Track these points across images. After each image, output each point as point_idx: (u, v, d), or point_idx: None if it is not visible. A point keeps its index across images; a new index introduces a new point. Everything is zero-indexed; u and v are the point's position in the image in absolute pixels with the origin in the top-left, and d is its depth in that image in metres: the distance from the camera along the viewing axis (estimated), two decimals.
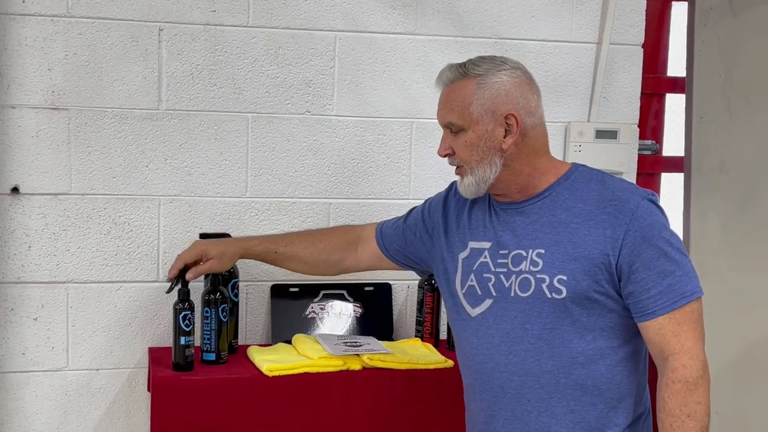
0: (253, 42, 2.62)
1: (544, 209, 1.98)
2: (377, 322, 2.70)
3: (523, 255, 1.97)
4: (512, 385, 1.97)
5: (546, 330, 1.93)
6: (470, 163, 1.98)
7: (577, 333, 1.92)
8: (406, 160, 2.75)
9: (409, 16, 2.71)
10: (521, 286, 1.96)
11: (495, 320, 2.00)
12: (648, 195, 1.94)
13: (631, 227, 1.88)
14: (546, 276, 1.93)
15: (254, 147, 2.64)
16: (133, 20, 2.53)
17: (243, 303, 2.64)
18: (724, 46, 2.86)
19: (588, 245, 1.90)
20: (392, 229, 2.32)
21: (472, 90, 1.96)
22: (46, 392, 2.56)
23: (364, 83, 2.70)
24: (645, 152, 3.03)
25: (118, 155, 2.56)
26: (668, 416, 1.85)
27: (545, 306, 1.93)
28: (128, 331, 2.59)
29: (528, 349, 1.95)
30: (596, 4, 2.83)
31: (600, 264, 1.89)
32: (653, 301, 1.87)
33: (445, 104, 2.00)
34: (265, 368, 2.34)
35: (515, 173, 1.99)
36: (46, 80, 2.50)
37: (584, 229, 1.92)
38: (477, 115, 1.95)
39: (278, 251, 2.34)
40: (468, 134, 1.97)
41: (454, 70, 2.00)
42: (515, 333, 1.96)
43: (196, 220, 2.62)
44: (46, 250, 2.53)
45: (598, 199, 1.94)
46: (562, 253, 1.92)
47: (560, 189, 1.99)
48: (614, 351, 1.94)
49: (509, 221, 2.02)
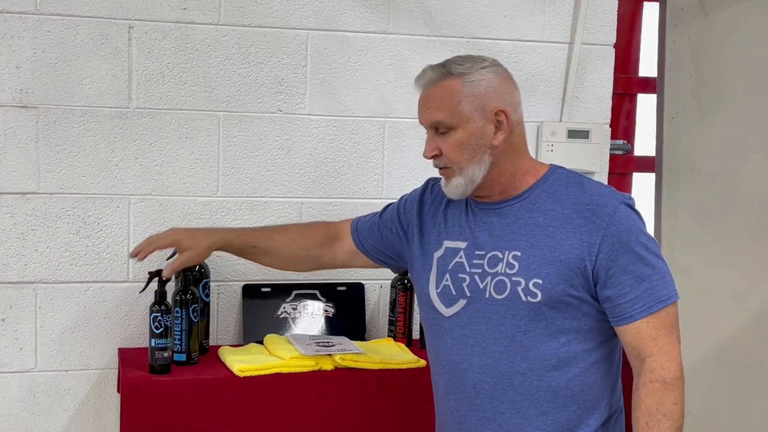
0: (224, 40, 2.60)
1: (522, 211, 1.97)
2: (350, 322, 2.70)
3: (499, 257, 1.96)
4: (485, 386, 1.96)
5: (520, 333, 1.92)
6: (459, 163, 1.95)
7: (551, 336, 1.91)
8: (379, 159, 2.74)
9: (382, 15, 2.71)
10: (496, 288, 1.95)
11: (469, 321, 1.99)
12: (625, 199, 1.94)
13: (608, 232, 1.88)
14: (521, 279, 1.92)
15: (225, 146, 2.63)
16: (102, 18, 2.51)
17: (214, 303, 2.63)
18: (695, 47, 2.88)
19: (564, 249, 1.90)
20: (368, 225, 2.30)
21: (459, 88, 1.93)
22: (14, 393, 2.53)
23: (336, 82, 2.69)
24: (617, 152, 3.05)
25: (87, 154, 2.53)
26: (644, 414, 1.85)
27: (520, 309, 1.92)
28: (98, 332, 2.57)
29: (502, 351, 1.94)
30: (568, 4, 2.84)
31: (576, 269, 1.89)
32: (630, 305, 1.87)
33: (430, 104, 1.97)
34: (237, 369, 2.32)
35: (500, 172, 1.97)
36: (14, 78, 2.47)
37: (561, 233, 1.91)
38: (467, 112, 1.93)
39: (256, 245, 2.28)
40: (458, 133, 1.94)
41: (437, 69, 1.97)
42: (489, 334, 1.95)
43: (167, 219, 2.60)
44: (14, 250, 2.50)
45: (575, 203, 1.93)
46: (538, 257, 1.91)
47: (539, 191, 1.98)
48: (588, 354, 1.93)
49: (486, 221, 2.01)
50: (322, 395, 2.36)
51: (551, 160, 2.80)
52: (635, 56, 3.13)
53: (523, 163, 2.00)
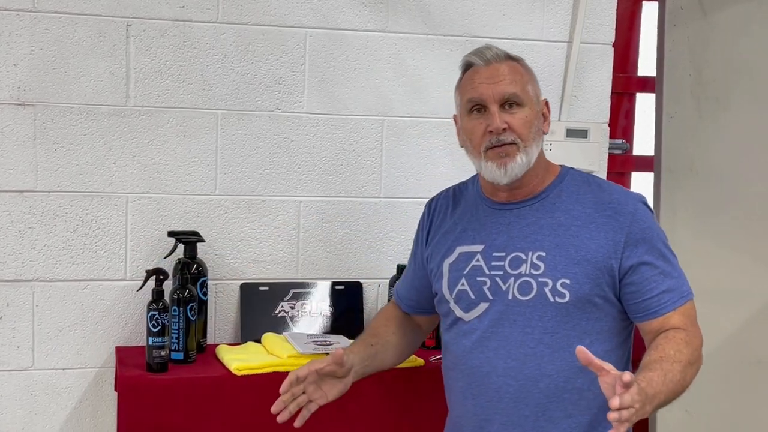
0: (222, 38, 2.59)
1: (542, 211, 1.96)
2: (348, 321, 2.69)
3: (522, 258, 1.93)
4: (510, 389, 1.92)
5: (547, 334, 1.90)
6: (527, 140, 1.93)
7: (578, 337, 1.89)
8: (377, 158, 2.74)
9: (381, 14, 2.70)
10: (521, 290, 1.92)
11: (491, 324, 1.95)
12: (641, 198, 1.96)
13: (631, 230, 1.89)
14: (548, 280, 1.90)
15: (223, 144, 2.62)
16: (100, 15, 2.50)
17: (212, 302, 2.62)
18: (694, 46, 2.87)
19: (591, 249, 1.89)
20: (406, 287, 2.22)
21: (523, 71, 1.97)
22: (11, 392, 2.52)
23: (334, 81, 2.69)
24: (615, 151, 3.04)
25: (85, 152, 2.53)
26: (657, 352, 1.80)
27: (547, 310, 1.90)
28: (95, 330, 2.57)
29: (528, 353, 1.91)
30: (567, 3, 2.83)
31: (603, 267, 1.88)
32: (656, 300, 1.88)
33: (504, 77, 1.94)
34: (234, 367, 2.32)
35: (538, 163, 1.97)
36: (11, 76, 2.46)
37: (585, 233, 1.91)
38: (532, 94, 1.96)
39: (372, 344, 2.13)
40: (526, 110, 1.93)
41: (498, 50, 1.97)
42: (515, 337, 1.92)
43: (165, 217, 2.59)
44: (11, 248, 2.50)
45: (596, 202, 1.93)
46: (564, 257, 1.90)
47: (557, 191, 1.97)
48: (608, 354, 1.89)
49: (503, 222, 1.98)
50: None
51: (550, 159, 2.80)
52: (634, 55, 3.13)
53: (545, 161, 2.01)
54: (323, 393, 2.02)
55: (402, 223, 2.76)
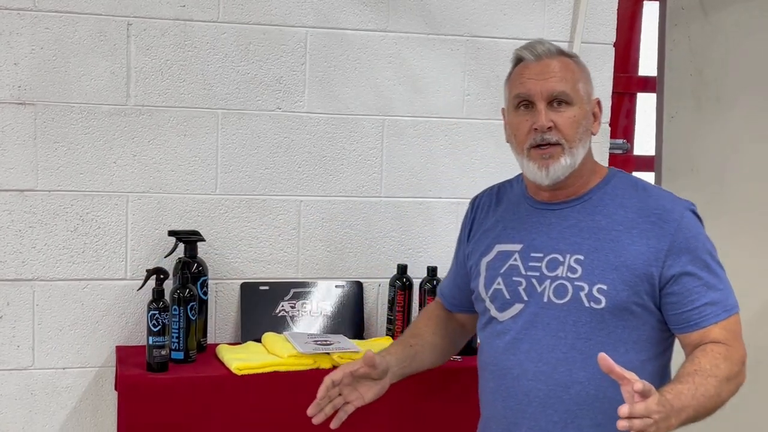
0: (223, 37, 2.59)
1: (584, 213, 1.92)
2: (348, 321, 2.69)
3: (559, 260, 1.90)
4: (539, 393, 1.89)
5: (581, 340, 1.86)
6: (573, 141, 1.88)
7: (612, 345, 1.84)
8: (378, 157, 2.74)
9: (381, 13, 2.70)
10: (556, 292, 1.89)
11: (525, 325, 1.92)
12: (690, 205, 1.90)
13: (676, 238, 1.84)
14: (585, 284, 1.86)
15: (224, 143, 2.62)
16: (101, 14, 2.50)
17: (212, 301, 2.62)
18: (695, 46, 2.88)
19: (630, 255, 1.84)
20: (449, 287, 2.21)
21: (576, 68, 1.92)
22: (11, 391, 2.52)
23: (335, 80, 2.68)
24: (616, 151, 3.04)
25: (85, 151, 2.52)
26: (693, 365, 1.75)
27: (582, 315, 1.86)
28: (95, 330, 2.56)
29: (560, 358, 1.87)
30: (568, 3, 2.83)
31: (642, 275, 1.83)
32: (697, 313, 1.83)
33: (553, 74, 1.89)
34: (234, 367, 2.32)
35: (584, 163, 1.93)
36: (12, 75, 2.46)
37: (626, 238, 1.86)
38: (582, 93, 1.91)
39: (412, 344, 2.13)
40: (574, 109, 1.89)
41: (550, 45, 1.93)
42: (547, 340, 1.89)
43: (165, 217, 2.59)
44: (11, 247, 2.50)
45: (641, 207, 1.88)
46: (602, 261, 1.85)
47: (601, 194, 1.93)
48: (643, 365, 1.86)
49: (544, 222, 1.95)
50: None
51: None
52: (635, 55, 3.13)
53: (592, 162, 1.97)
54: (359, 395, 2.02)
55: (402, 222, 2.76)
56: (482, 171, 2.80)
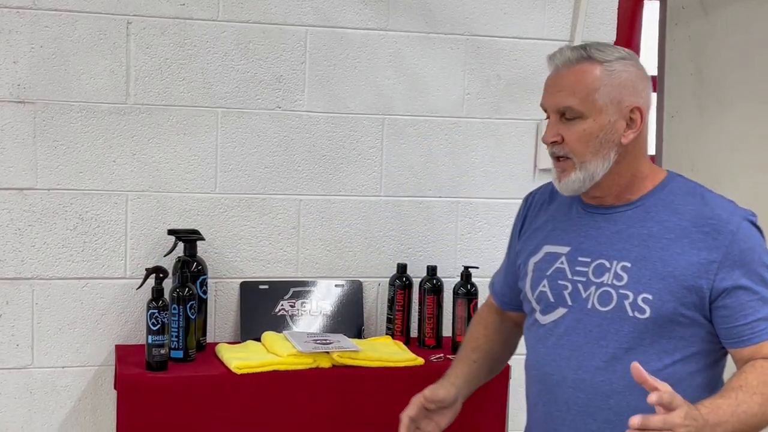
0: (223, 36, 2.59)
1: (635, 219, 1.84)
2: (347, 320, 2.69)
3: (606, 266, 1.84)
4: (579, 401, 1.84)
5: (622, 349, 1.80)
6: (583, 156, 1.81)
7: (656, 355, 1.79)
8: (378, 156, 2.73)
9: (381, 12, 2.70)
10: (601, 299, 1.83)
11: (566, 331, 1.87)
12: (748, 215, 1.81)
13: (729, 250, 1.75)
14: (630, 292, 1.79)
15: (224, 142, 2.62)
16: (100, 13, 2.50)
17: (212, 300, 2.62)
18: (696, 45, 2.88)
19: (679, 265, 1.77)
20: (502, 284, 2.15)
21: (599, 75, 1.79)
22: (10, 390, 2.52)
23: (335, 79, 2.68)
24: None
25: (84, 150, 2.52)
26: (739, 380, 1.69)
27: (625, 324, 1.80)
28: (95, 329, 2.56)
29: (600, 366, 1.82)
30: (568, 2, 2.83)
31: (690, 287, 1.76)
32: (749, 328, 1.75)
33: (562, 87, 1.82)
34: (234, 366, 2.32)
35: (620, 174, 1.84)
36: (11, 73, 2.46)
37: (677, 247, 1.78)
38: (602, 103, 1.79)
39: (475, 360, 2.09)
40: (587, 123, 1.80)
41: (576, 51, 1.82)
42: (588, 348, 1.84)
43: (165, 216, 2.59)
44: (10, 246, 2.49)
45: (695, 216, 1.80)
46: (649, 270, 1.79)
47: (654, 199, 1.85)
48: (692, 377, 1.80)
49: (594, 226, 1.88)
50: (320, 393, 2.35)
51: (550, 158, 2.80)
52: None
53: (644, 167, 1.87)
54: (435, 424, 1.99)
55: (402, 222, 2.76)
56: (482, 170, 2.79)
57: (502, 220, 2.81)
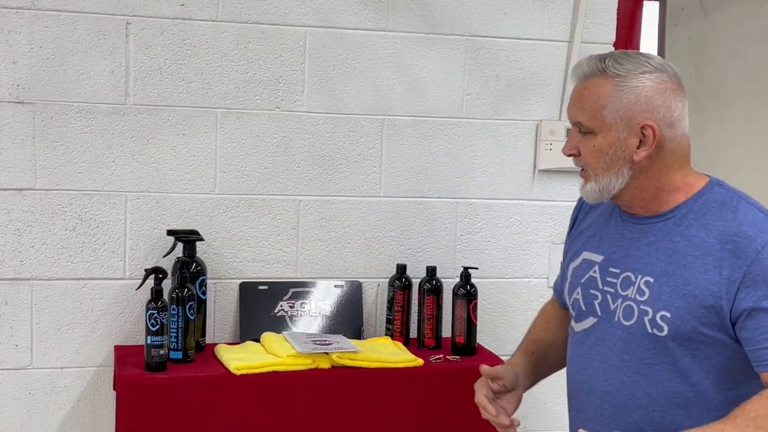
0: (222, 37, 2.59)
1: (664, 232, 1.78)
2: (347, 321, 2.69)
3: (631, 279, 1.80)
4: (604, 413, 1.83)
5: (644, 365, 1.77)
6: (596, 170, 1.78)
7: (679, 374, 1.75)
8: (377, 157, 2.73)
9: (381, 12, 2.69)
10: (624, 313, 1.80)
11: (596, 341, 1.85)
12: None
13: (751, 270, 1.67)
14: (649, 309, 1.75)
15: (223, 143, 2.62)
16: (100, 13, 2.50)
17: (211, 301, 2.62)
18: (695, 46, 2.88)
19: (699, 284, 1.70)
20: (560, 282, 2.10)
21: (608, 91, 1.74)
22: (9, 391, 2.52)
23: (334, 79, 2.68)
24: None
25: (84, 150, 2.52)
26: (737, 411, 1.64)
27: (644, 340, 1.76)
28: (94, 329, 2.56)
29: (623, 380, 1.79)
30: (568, 3, 2.83)
31: (710, 307, 1.69)
32: None
33: (576, 101, 1.80)
34: (233, 367, 2.31)
35: (641, 188, 1.79)
36: (10, 73, 2.46)
37: (700, 265, 1.71)
38: (610, 120, 1.74)
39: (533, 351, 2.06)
40: (597, 139, 1.76)
41: (592, 64, 1.77)
42: (613, 361, 1.81)
43: (164, 216, 2.59)
44: (10, 246, 2.49)
45: (722, 232, 1.72)
46: (670, 287, 1.74)
47: (686, 211, 1.78)
48: (723, 394, 1.74)
49: (627, 236, 1.84)
50: (319, 394, 2.35)
51: (550, 158, 2.81)
52: None
53: (675, 178, 1.79)
54: (502, 408, 1.94)
55: (402, 222, 2.76)
56: (482, 171, 2.79)
57: (502, 220, 2.81)
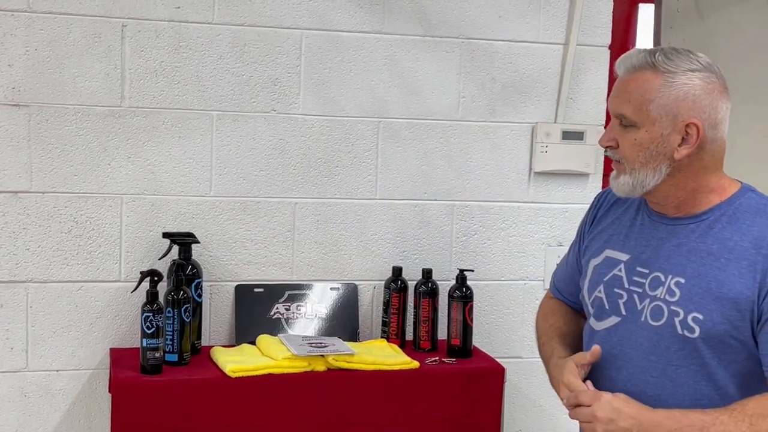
0: (218, 39, 2.59)
1: (696, 233, 1.77)
2: (343, 323, 2.69)
3: (661, 279, 1.79)
4: None
5: (672, 366, 1.76)
6: (633, 164, 1.76)
7: (706, 377, 1.74)
8: (373, 159, 2.73)
9: (376, 15, 2.70)
10: (653, 314, 1.78)
11: (619, 341, 1.83)
12: None
13: None
14: (681, 310, 1.74)
15: (219, 145, 2.62)
16: (95, 16, 2.50)
17: (206, 303, 2.62)
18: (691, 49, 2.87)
19: (733, 287, 1.70)
20: (564, 281, 2.10)
21: (657, 86, 1.72)
22: (4, 393, 2.52)
23: (330, 82, 2.68)
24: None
25: (79, 153, 2.52)
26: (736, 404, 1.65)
27: (674, 341, 1.75)
28: (89, 332, 2.56)
29: (649, 381, 1.78)
30: (563, 5, 2.83)
31: (743, 310, 1.69)
32: None
33: (622, 93, 1.77)
34: (229, 369, 2.31)
35: (677, 187, 1.77)
36: (6, 76, 2.46)
37: (734, 268, 1.71)
38: (655, 115, 1.72)
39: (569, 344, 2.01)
40: (639, 132, 1.75)
41: (642, 57, 1.75)
42: (638, 362, 1.80)
43: (159, 219, 2.59)
44: (5, 249, 2.49)
45: (757, 237, 1.71)
46: (702, 289, 1.72)
47: (719, 214, 1.77)
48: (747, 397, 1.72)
49: (655, 236, 1.83)
50: (315, 396, 2.35)
51: (545, 161, 2.81)
52: None
53: (710, 180, 1.78)
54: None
55: (397, 224, 2.76)
56: (477, 173, 2.79)
57: (498, 223, 2.81)
